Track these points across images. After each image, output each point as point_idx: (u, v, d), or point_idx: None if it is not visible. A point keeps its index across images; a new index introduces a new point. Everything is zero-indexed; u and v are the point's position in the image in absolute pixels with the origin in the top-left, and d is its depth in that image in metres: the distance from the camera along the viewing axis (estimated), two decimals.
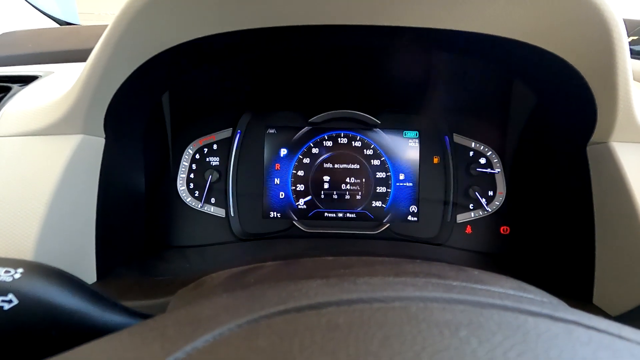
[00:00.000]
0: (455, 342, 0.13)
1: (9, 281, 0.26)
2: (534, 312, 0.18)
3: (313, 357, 0.12)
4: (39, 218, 0.47)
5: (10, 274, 0.27)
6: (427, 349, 0.12)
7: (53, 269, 0.29)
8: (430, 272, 0.30)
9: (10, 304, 0.26)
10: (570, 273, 0.59)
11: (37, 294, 0.27)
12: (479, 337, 0.13)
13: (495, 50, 0.55)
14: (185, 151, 0.79)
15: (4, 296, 0.26)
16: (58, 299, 0.28)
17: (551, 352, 0.13)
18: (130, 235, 0.68)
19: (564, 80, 0.52)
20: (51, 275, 0.29)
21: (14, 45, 0.72)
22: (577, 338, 0.14)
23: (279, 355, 0.13)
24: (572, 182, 0.59)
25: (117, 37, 0.39)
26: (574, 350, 0.13)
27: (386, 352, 0.12)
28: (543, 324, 0.16)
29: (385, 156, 0.80)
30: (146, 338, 0.18)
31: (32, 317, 0.27)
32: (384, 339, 0.13)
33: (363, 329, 0.14)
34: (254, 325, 0.17)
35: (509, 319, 0.16)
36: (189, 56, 0.47)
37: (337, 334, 0.14)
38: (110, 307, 0.31)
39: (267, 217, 0.79)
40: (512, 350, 0.13)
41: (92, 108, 0.46)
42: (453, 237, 0.77)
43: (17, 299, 0.26)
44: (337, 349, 0.13)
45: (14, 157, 0.48)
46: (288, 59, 0.64)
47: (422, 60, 0.68)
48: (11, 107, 0.51)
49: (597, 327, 0.17)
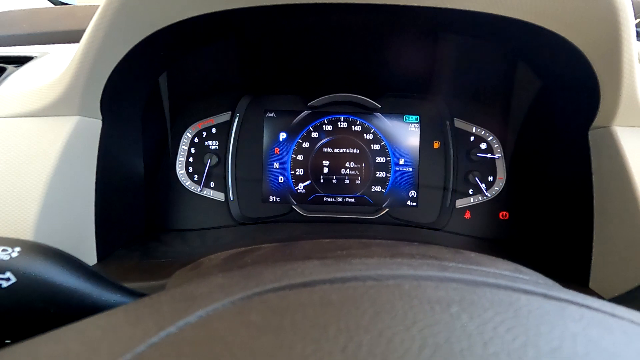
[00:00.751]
0: (446, 317, 0.13)
1: (6, 259, 0.27)
2: (527, 290, 0.18)
3: (303, 330, 0.13)
4: (38, 200, 0.47)
5: (7, 252, 0.27)
6: (417, 323, 0.12)
7: (51, 248, 0.30)
8: (426, 254, 0.30)
9: (8, 282, 0.26)
10: (568, 258, 0.60)
11: (35, 272, 0.27)
12: (470, 313, 0.13)
13: (499, 32, 0.54)
14: (184, 135, 0.78)
15: (2, 274, 0.26)
16: (56, 278, 0.28)
17: (541, 327, 0.13)
18: (129, 218, 0.68)
19: (568, 63, 0.51)
20: (49, 254, 0.29)
21: (8, 25, 0.70)
22: (568, 315, 0.14)
23: (270, 329, 0.13)
24: (572, 167, 0.59)
25: (111, 15, 0.38)
26: (564, 325, 0.13)
27: (376, 326, 0.12)
28: (535, 302, 0.16)
29: (386, 140, 0.79)
30: (141, 314, 0.18)
31: (30, 295, 0.27)
32: (375, 314, 0.13)
33: (355, 304, 0.14)
34: (247, 302, 0.17)
35: (502, 297, 0.16)
36: (186, 36, 0.46)
37: (329, 309, 0.14)
38: (109, 287, 0.32)
39: (267, 202, 0.79)
40: (502, 325, 0.13)
41: (88, 89, 0.46)
42: (452, 222, 0.77)
43: (15, 277, 0.26)
44: (328, 324, 0.13)
45: (10, 139, 0.47)
46: (287, 41, 0.63)
47: (424, 43, 0.67)
48: (6, 88, 0.50)
49: (589, 305, 0.17)
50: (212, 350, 0.12)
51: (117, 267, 0.56)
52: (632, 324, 0.15)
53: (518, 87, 0.72)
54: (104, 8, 0.38)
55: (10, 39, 0.67)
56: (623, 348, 0.13)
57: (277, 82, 0.78)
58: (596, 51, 0.46)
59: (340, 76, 0.76)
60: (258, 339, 0.12)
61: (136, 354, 0.14)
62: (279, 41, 0.63)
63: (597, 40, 0.45)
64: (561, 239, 0.63)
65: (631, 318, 0.16)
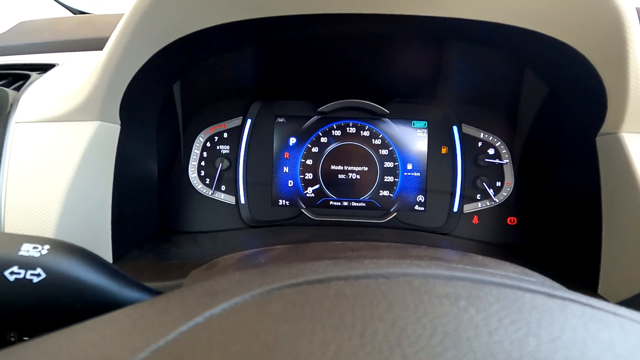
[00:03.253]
0: (454, 310, 0.14)
1: (37, 256, 0.28)
2: (531, 289, 0.18)
3: (322, 319, 0.14)
4: (59, 201, 0.49)
5: (38, 249, 0.29)
6: (427, 315, 0.14)
7: (76, 247, 0.31)
8: (435, 256, 0.31)
9: (38, 277, 0.28)
10: (576, 264, 0.60)
11: (62, 269, 0.29)
12: (477, 307, 0.14)
13: (505, 39, 0.55)
14: (197, 139, 0.80)
15: (33, 270, 0.28)
16: (82, 274, 0.30)
17: (543, 320, 0.14)
18: (143, 220, 0.70)
19: (574, 70, 0.52)
20: (75, 252, 0.30)
21: (30, 34, 0.74)
22: (570, 311, 0.15)
23: (291, 318, 0.14)
24: (580, 172, 0.59)
25: (133, 25, 0.40)
26: (565, 320, 0.14)
27: (389, 316, 0.14)
28: (539, 299, 0.17)
29: (394, 146, 0.80)
30: (167, 307, 0.20)
31: (58, 290, 0.29)
32: (388, 306, 0.14)
33: (368, 297, 0.16)
34: (267, 296, 0.18)
35: (507, 294, 0.17)
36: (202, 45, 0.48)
37: (345, 301, 0.15)
38: (129, 284, 0.33)
39: (276, 205, 0.80)
40: (506, 317, 0.14)
41: (109, 95, 0.48)
42: (460, 227, 0.78)
43: (45, 273, 0.28)
44: (344, 313, 0.14)
45: (34, 143, 0.49)
46: (298, 49, 0.65)
47: (432, 50, 0.68)
48: (30, 94, 0.52)
49: (592, 304, 0.18)
50: (240, 336, 0.13)
51: (132, 267, 0.58)
52: (632, 321, 0.16)
53: (525, 93, 0.73)
54: (127, 18, 0.40)
55: (32, 47, 0.70)
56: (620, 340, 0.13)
57: (288, 88, 0.79)
58: (602, 58, 0.47)
59: (349, 82, 0.78)
60: (281, 326, 0.13)
61: (168, 341, 0.15)
62: (290, 49, 0.65)
63: (603, 47, 0.46)
64: (569, 245, 0.63)
65: (631, 316, 0.17)
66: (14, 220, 0.49)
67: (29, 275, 0.28)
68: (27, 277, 0.27)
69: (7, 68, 0.60)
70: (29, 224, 0.49)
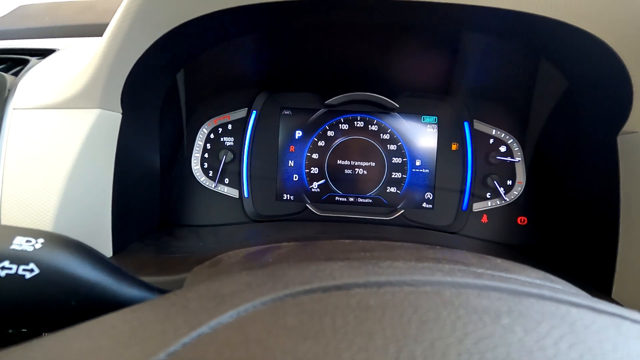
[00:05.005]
0: (499, 329, 0.12)
1: (30, 250, 0.26)
2: (574, 302, 0.17)
3: (348, 337, 0.12)
4: (58, 191, 0.47)
5: (31, 243, 0.27)
6: (469, 335, 0.12)
7: (73, 241, 0.29)
8: (452, 259, 0.29)
9: (31, 273, 0.26)
10: (590, 267, 0.58)
11: (57, 264, 0.27)
12: (523, 326, 0.12)
13: (524, 29, 0.53)
14: (200, 130, 0.78)
15: (26, 265, 0.26)
16: (78, 270, 0.28)
17: (604, 344, 0.12)
18: (144, 212, 0.68)
19: (600, 63, 0.49)
20: (71, 247, 0.29)
21: (30, 18, 0.71)
22: (627, 332, 0.14)
23: (310, 333, 0.12)
24: (598, 174, 0.57)
25: (135, 9, 0.38)
26: (627, 343, 0.12)
27: (426, 337, 0.12)
28: (587, 316, 0.15)
29: (402, 141, 0.78)
30: (169, 311, 0.18)
31: (53, 287, 0.27)
32: (422, 323, 0.13)
33: (397, 311, 0.14)
34: (280, 304, 0.16)
35: (551, 309, 0.15)
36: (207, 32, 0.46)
37: (370, 314, 0.13)
38: (129, 281, 0.31)
39: (280, 200, 0.78)
40: (562, 340, 0.12)
41: (110, 82, 0.46)
42: (468, 225, 0.76)
43: (38, 269, 0.26)
44: (373, 331, 0.12)
45: (32, 130, 0.48)
46: (306, 39, 0.62)
47: (444, 42, 0.65)
48: (29, 80, 0.50)
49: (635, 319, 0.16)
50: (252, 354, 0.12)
51: (133, 261, 0.56)
52: None
53: (540, 88, 0.70)
54: (129, 1, 0.38)
55: (32, 31, 0.68)
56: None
57: (294, 79, 0.77)
58: (630, 51, 0.45)
59: (358, 75, 0.76)
60: (300, 345, 0.12)
61: (169, 354, 0.13)
62: (297, 39, 0.63)
63: (632, 39, 0.44)
64: (582, 247, 0.61)
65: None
66: (11, 211, 0.47)
67: (21, 270, 0.26)
68: (19, 273, 0.26)
69: (6, 52, 0.58)
70: (27, 215, 0.47)
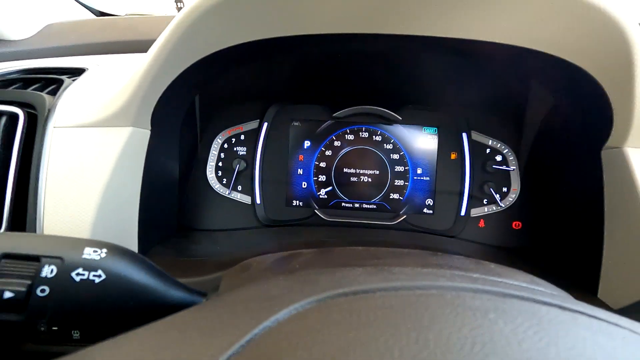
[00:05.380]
0: (487, 322, 0.17)
1: (97, 259, 0.31)
2: (546, 302, 0.22)
3: (381, 327, 0.17)
4: (94, 203, 0.52)
5: (97, 253, 0.32)
6: (466, 325, 0.17)
7: (128, 250, 0.34)
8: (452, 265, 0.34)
9: (99, 278, 0.31)
10: (578, 268, 0.63)
11: (119, 271, 0.32)
12: (504, 319, 0.17)
13: (516, 58, 0.58)
14: (215, 141, 0.83)
15: (95, 271, 0.31)
16: (135, 275, 0.33)
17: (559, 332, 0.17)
18: (164, 218, 0.73)
19: (581, 86, 0.54)
20: (129, 255, 0.34)
21: (58, 37, 0.76)
22: (580, 324, 0.19)
23: (354, 325, 0.17)
24: (585, 184, 0.62)
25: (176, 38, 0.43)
26: (577, 331, 0.17)
27: (436, 327, 0.17)
28: (553, 312, 0.20)
29: (404, 150, 0.83)
30: (233, 310, 0.23)
31: (116, 290, 0.32)
32: (432, 318, 0.17)
33: (413, 309, 0.19)
34: (322, 304, 0.21)
35: (526, 307, 0.20)
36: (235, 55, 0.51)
37: (394, 312, 0.18)
38: (172, 284, 0.36)
39: (290, 205, 0.84)
40: (530, 329, 0.17)
41: (144, 103, 0.51)
42: (466, 230, 0.81)
43: (105, 274, 0.31)
44: (398, 323, 0.17)
45: (72, 147, 0.52)
46: (317, 60, 0.67)
47: (444, 61, 0.70)
48: (67, 100, 0.55)
49: (597, 316, 0.21)
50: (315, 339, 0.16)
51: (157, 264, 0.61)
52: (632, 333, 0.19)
53: (532, 103, 0.75)
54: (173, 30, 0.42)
55: (60, 49, 0.73)
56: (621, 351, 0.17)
57: (304, 93, 0.82)
58: (609, 78, 0.50)
59: (363, 89, 0.81)
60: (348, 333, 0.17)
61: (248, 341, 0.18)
62: (309, 60, 0.68)
63: (610, 67, 0.49)
64: (571, 250, 0.66)
65: (632, 328, 0.20)
66: (52, 220, 0.52)
67: (92, 276, 0.31)
68: (90, 278, 0.31)
69: (40, 72, 0.63)
70: (66, 223, 0.52)
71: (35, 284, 0.29)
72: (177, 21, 0.42)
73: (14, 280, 0.28)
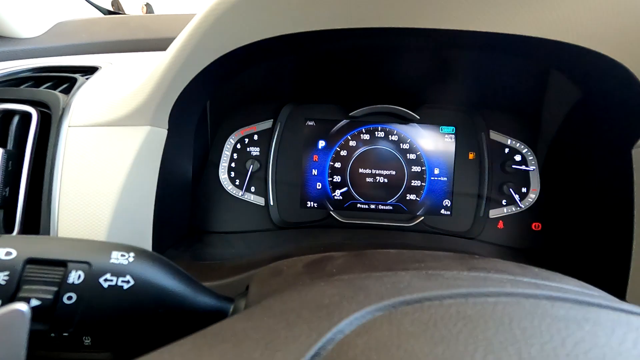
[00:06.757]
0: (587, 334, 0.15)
1: (125, 264, 0.30)
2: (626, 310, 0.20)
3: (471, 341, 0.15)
4: (111, 203, 0.50)
5: (125, 257, 0.30)
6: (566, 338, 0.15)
7: (156, 255, 0.33)
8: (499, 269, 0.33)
9: (128, 284, 0.29)
10: (604, 271, 0.61)
11: (148, 276, 0.30)
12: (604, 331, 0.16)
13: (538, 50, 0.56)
14: (227, 141, 0.81)
15: (124, 277, 0.29)
16: (163, 281, 0.31)
17: None
18: (178, 220, 0.72)
19: (613, 80, 0.52)
20: (157, 260, 0.32)
21: (69, 35, 0.75)
22: None
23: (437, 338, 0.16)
24: (613, 184, 0.60)
25: (200, 34, 0.41)
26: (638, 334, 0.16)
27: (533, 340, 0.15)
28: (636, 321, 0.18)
29: (421, 150, 0.81)
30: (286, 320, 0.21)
31: (145, 296, 0.30)
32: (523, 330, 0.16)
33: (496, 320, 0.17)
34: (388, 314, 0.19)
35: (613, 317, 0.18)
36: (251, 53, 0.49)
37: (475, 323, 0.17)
38: (200, 289, 0.35)
39: (305, 207, 0.82)
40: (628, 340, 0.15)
41: (163, 102, 0.49)
42: (485, 231, 0.79)
43: (133, 280, 0.29)
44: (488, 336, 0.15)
45: (87, 146, 0.51)
46: (331, 58, 0.66)
47: (461, 58, 0.69)
48: (81, 98, 0.54)
49: None
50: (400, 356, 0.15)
51: None
52: None
53: (551, 98, 0.73)
54: (194, 28, 0.41)
55: (72, 48, 0.71)
56: None
57: (318, 92, 0.80)
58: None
59: (379, 88, 0.79)
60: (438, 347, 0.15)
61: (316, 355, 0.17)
62: (325, 58, 0.66)
63: None
64: (596, 252, 0.64)
65: None
66: (67, 221, 0.50)
67: (120, 282, 0.29)
68: (119, 284, 0.29)
69: (52, 70, 0.61)
70: (81, 224, 0.50)
71: (62, 290, 0.27)
72: (200, 18, 0.40)
73: (40, 287, 0.27)
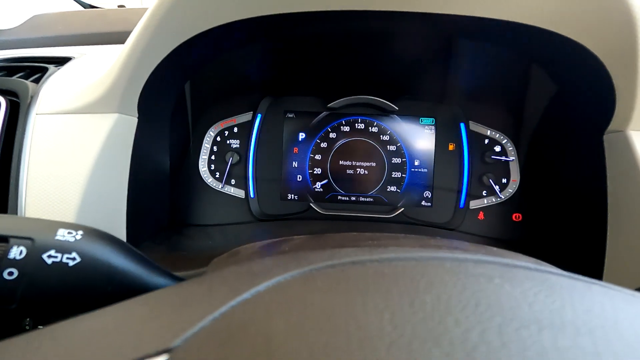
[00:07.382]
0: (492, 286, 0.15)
1: (72, 241, 0.29)
2: (554, 272, 0.20)
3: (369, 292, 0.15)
4: (78, 192, 0.50)
5: (72, 234, 0.30)
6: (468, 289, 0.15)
7: (106, 234, 0.32)
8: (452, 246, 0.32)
9: (74, 261, 0.29)
10: (581, 259, 0.61)
11: (95, 254, 0.30)
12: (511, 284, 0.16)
13: (516, 37, 0.56)
14: (207, 133, 0.81)
15: (69, 254, 0.29)
16: (113, 259, 0.31)
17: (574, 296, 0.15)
18: (155, 212, 0.71)
19: (584, 68, 0.53)
20: (106, 238, 0.31)
21: (45, 27, 0.74)
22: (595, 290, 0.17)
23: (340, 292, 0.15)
24: (587, 170, 0.60)
25: (158, 19, 0.41)
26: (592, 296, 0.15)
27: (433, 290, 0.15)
28: (565, 281, 0.18)
29: (401, 142, 0.81)
30: (211, 286, 0.21)
31: (92, 274, 0.30)
32: (429, 283, 0.15)
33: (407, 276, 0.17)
34: (307, 275, 0.19)
35: (535, 275, 0.18)
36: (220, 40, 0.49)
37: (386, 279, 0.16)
38: (155, 270, 0.34)
39: (285, 199, 0.81)
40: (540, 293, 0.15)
41: (129, 88, 0.49)
42: (465, 222, 0.79)
43: (80, 257, 0.29)
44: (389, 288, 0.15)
45: (55, 134, 0.50)
46: (308, 45, 0.65)
47: (440, 48, 0.69)
48: (50, 87, 0.53)
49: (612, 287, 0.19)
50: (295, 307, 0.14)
51: None
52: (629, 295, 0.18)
53: (532, 91, 0.74)
54: (152, 12, 0.41)
55: (47, 40, 0.71)
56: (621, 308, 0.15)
57: (297, 84, 0.80)
58: (613, 57, 0.48)
59: (358, 79, 0.79)
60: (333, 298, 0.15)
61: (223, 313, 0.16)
62: (300, 46, 0.66)
63: (615, 47, 0.47)
64: (574, 240, 0.64)
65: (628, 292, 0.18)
66: (34, 209, 0.50)
67: (65, 259, 0.29)
68: (64, 261, 0.28)
69: (25, 60, 0.61)
70: (49, 213, 0.50)
71: (2, 265, 0.27)
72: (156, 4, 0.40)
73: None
